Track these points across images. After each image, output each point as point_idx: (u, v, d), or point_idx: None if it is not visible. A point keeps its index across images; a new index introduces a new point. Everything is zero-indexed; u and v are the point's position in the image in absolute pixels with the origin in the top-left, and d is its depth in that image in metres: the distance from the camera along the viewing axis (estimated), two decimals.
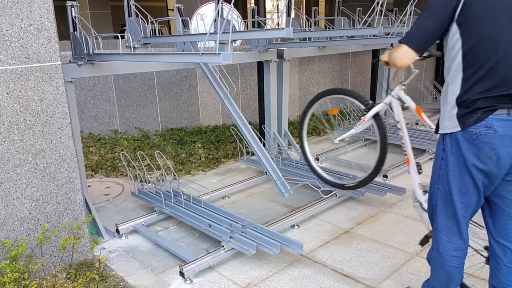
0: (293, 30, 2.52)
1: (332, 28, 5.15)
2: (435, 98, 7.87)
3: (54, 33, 2.56)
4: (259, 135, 4.50)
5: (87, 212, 3.20)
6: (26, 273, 2.42)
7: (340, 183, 3.45)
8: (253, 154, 4.09)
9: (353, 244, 3.11)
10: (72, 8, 3.28)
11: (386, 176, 4.28)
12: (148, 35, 3.54)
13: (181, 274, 2.71)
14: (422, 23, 1.86)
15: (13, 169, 2.52)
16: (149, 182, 3.90)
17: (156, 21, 3.55)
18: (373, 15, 3.64)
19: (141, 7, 3.54)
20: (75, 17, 3.28)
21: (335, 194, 3.77)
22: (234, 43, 3.49)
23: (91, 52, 3.19)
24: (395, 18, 5.41)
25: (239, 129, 3.95)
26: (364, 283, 2.65)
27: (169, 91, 6.08)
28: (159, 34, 3.75)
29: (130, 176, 3.89)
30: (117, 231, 3.30)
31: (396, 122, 2.69)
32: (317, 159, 4.98)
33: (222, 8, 3.26)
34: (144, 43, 3.58)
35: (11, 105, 2.46)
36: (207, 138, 5.78)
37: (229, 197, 4.06)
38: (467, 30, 1.75)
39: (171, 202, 3.50)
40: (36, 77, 2.53)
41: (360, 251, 3.02)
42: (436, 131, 1.97)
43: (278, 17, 3.52)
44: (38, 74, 2.54)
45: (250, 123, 4.24)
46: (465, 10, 1.74)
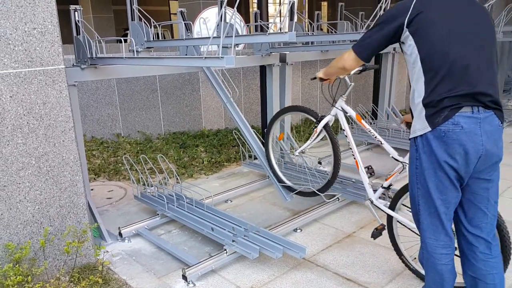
0: (296, 34, 2.52)
1: (335, 32, 5.16)
2: None
3: (58, 37, 2.57)
4: (262, 139, 4.50)
5: (90, 216, 3.20)
6: (30, 276, 2.42)
7: (301, 191, 3.63)
8: (256, 158, 4.09)
9: (356, 248, 3.10)
10: (75, 12, 3.30)
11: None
12: (151, 39, 3.55)
13: (184, 278, 2.71)
14: (369, 34, 2.08)
15: (17, 172, 2.53)
16: (152, 186, 3.90)
17: (159, 25, 3.56)
18: (376, 20, 3.64)
19: (144, 11, 3.55)
20: (78, 21, 3.29)
21: (338, 198, 3.76)
22: (237, 47, 3.50)
23: (94, 56, 3.20)
24: None
25: (242, 133, 3.95)
26: (367, 287, 2.64)
27: (172, 95, 6.09)
28: (162, 38, 3.76)
29: (133, 180, 3.89)
30: (120, 235, 3.30)
31: (342, 130, 3.09)
32: (320, 163, 4.97)
33: (225, 12, 3.27)
34: (147, 47, 3.59)
35: (15, 109, 2.47)
36: (210, 142, 5.78)
37: (232, 201, 4.05)
38: (420, 38, 1.90)
39: (174, 206, 3.50)
40: (40, 81, 2.54)
41: (363, 255, 3.01)
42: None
43: (281, 21, 3.53)
44: (42, 78, 2.55)
45: (253, 127, 4.25)
46: (415, 20, 1.90)
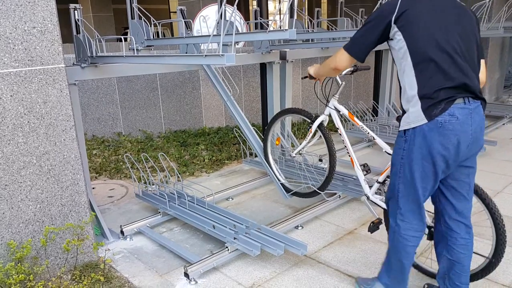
0: (296, 32, 2.52)
1: (335, 29, 5.15)
2: None
3: (58, 36, 2.57)
4: (262, 137, 4.50)
5: (91, 213, 3.21)
6: (32, 275, 2.43)
7: (298, 192, 3.65)
8: (256, 156, 4.10)
9: (357, 245, 3.10)
10: (75, 11, 3.30)
11: None
12: (151, 38, 3.55)
13: (186, 275, 2.71)
14: (359, 33, 2.15)
15: (18, 172, 2.54)
16: (153, 184, 3.91)
17: (159, 23, 3.56)
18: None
19: (144, 10, 3.55)
20: (78, 20, 3.29)
21: (339, 196, 3.76)
22: (237, 45, 3.50)
23: (94, 55, 3.20)
24: None
25: (242, 131, 3.95)
26: None
27: (172, 93, 6.09)
28: (162, 37, 3.76)
29: (134, 178, 3.90)
30: (122, 233, 3.30)
31: (337, 128, 3.15)
32: (321, 160, 4.97)
33: (225, 10, 3.27)
34: (147, 46, 3.59)
35: (15, 108, 2.48)
36: (210, 140, 5.79)
37: (233, 199, 4.06)
38: (408, 32, 1.98)
39: (175, 204, 3.51)
40: (40, 80, 2.54)
41: (364, 252, 3.01)
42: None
43: (281, 19, 3.54)
44: (42, 77, 2.55)
45: (253, 125, 4.25)
46: (402, 17, 1.98)
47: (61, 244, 2.76)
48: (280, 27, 3.13)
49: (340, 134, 3.13)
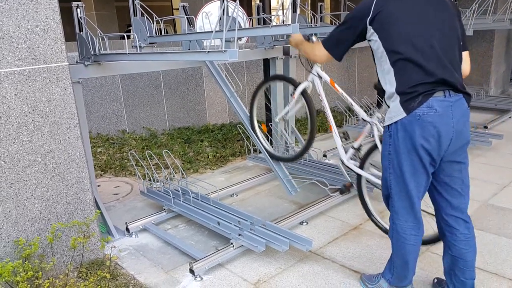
0: (299, 26, 2.51)
1: (338, 23, 5.12)
2: None
3: (61, 34, 2.58)
4: (266, 133, 4.49)
5: (97, 211, 3.22)
6: (39, 272, 2.45)
7: (278, 156, 3.78)
8: (260, 152, 4.09)
9: (363, 240, 3.10)
10: (78, 9, 3.30)
11: None
12: (154, 35, 3.55)
13: (191, 272, 2.72)
14: (337, 32, 2.26)
15: (23, 170, 2.55)
16: (158, 181, 3.92)
17: (162, 20, 3.55)
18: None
19: (146, 7, 3.54)
20: (81, 18, 3.29)
21: None
22: (240, 41, 3.49)
23: (98, 53, 3.20)
24: None
25: (246, 127, 3.95)
26: None
27: (176, 90, 6.09)
28: (165, 33, 3.75)
29: (139, 176, 3.91)
30: (127, 230, 3.32)
31: (318, 95, 3.26)
32: (325, 156, 4.96)
33: (227, 6, 3.26)
34: (150, 43, 3.58)
35: (20, 106, 2.48)
36: (214, 137, 5.79)
37: (237, 195, 4.06)
38: (383, 33, 2.02)
39: (180, 201, 3.51)
40: (44, 78, 2.55)
41: (370, 247, 3.00)
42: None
43: (284, 14, 3.52)
44: (46, 75, 2.55)
45: (257, 121, 4.24)
46: (377, 18, 2.02)
47: (67, 242, 2.77)
48: (283, 22, 3.11)
49: (321, 101, 3.27)
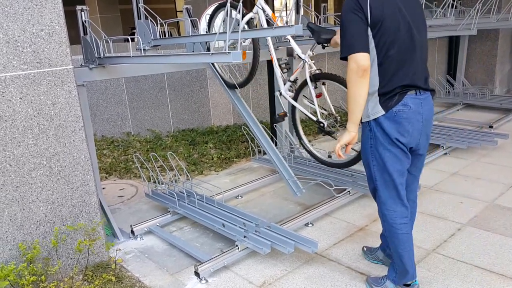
0: (303, 27, 2.50)
1: None
2: (448, 93, 7.77)
3: (65, 38, 2.59)
4: (271, 134, 4.49)
5: (102, 214, 3.23)
6: (44, 276, 2.45)
7: (230, 83, 3.91)
8: (265, 153, 4.09)
9: (369, 242, 3.08)
10: (82, 12, 3.31)
11: None
12: (158, 37, 3.55)
13: (196, 274, 2.72)
14: (350, 31, 2.10)
15: (28, 173, 2.56)
16: (163, 183, 3.92)
17: (166, 23, 3.56)
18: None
19: (150, 9, 3.55)
20: (85, 21, 3.31)
21: (349, 192, 3.74)
22: (244, 42, 3.51)
23: (102, 56, 3.21)
24: None
25: (250, 129, 3.94)
26: None
27: (180, 92, 6.10)
28: (169, 36, 3.76)
29: (144, 178, 3.91)
30: (132, 232, 3.32)
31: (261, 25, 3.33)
32: (330, 157, 4.94)
33: (231, 8, 3.26)
34: (154, 45, 3.59)
35: (25, 110, 2.49)
36: (219, 138, 5.79)
37: (242, 197, 4.06)
38: (376, 31, 2.06)
39: (185, 203, 3.51)
40: (49, 82, 2.56)
41: None
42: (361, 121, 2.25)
43: (287, 15, 3.53)
44: (50, 79, 2.56)
45: (262, 122, 4.24)
46: (371, 16, 2.04)
47: (72, 245, 2.78)
48: (287, 23, 3.11)
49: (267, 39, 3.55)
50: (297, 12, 4.56)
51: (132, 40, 3.37)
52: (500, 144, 5.04)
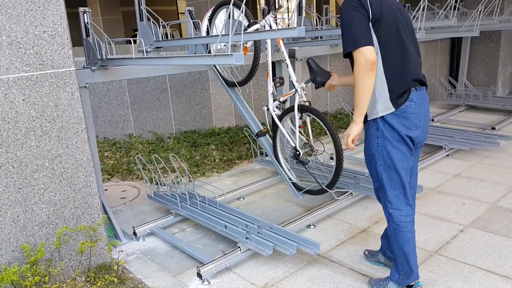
0: (305, 29, 2.50)
1: None
2: (450, 94, 7.76)
3: (68, 39, 2.59)
4: (272, 136, 4.48)
5: (104, 216, 3.23)
6: (47, 277, 2.45)
7: (229, 81, 3.94)
8: (267, 155, 4.09)
9: (371, 243, 3.07)
10: (84, 14, 3.32)
11: None
12: (160, 39, 3.56)
13: (199, 275, 2.72)
14: (354, 27, 2.10)
15: (31, 175, 2.56)
16: (165, 185, 3.92)
17: (168, 25, 3.57)
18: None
19: (152, 11, 3.56)
20: (88, 23, 3.31)
21: (351, 194, 3.73)
22: (245, 44, 3.50)
23: (104, 57, 3.22)
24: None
25: (252, 130, 3.94)
26: None
27: (182, 94, 6.11)
28: (171, 38, 3.76)
29: (146, 179, 3.92)
30: (134, 234, 3.32)
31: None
32: (332, 158, 4.94)
33: (233, 10, 3.26)
34: (156, 47, 3.60)
35: (27, 112, 2.50)
36: (221, 140, 5.79)
37: (244, 198, 4.05)
38: (377, 27, 2.11)
39: (187, 204, 3.51)
40: (51, 83, 2.56)
41: None
42: (364, 120, 2.27)
43: (289, 17, 3.54)
44: (53, 80, 2.57)
45: (263, 124, 4.24)
46: (372, 12, 2.08)
47: (75, 246, 2.78)
48: (289, 25, 3.12)
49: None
50: (299, 14, 4.56)
51: (134, 42, 3.38)
52: (503, 146, 5.03)
